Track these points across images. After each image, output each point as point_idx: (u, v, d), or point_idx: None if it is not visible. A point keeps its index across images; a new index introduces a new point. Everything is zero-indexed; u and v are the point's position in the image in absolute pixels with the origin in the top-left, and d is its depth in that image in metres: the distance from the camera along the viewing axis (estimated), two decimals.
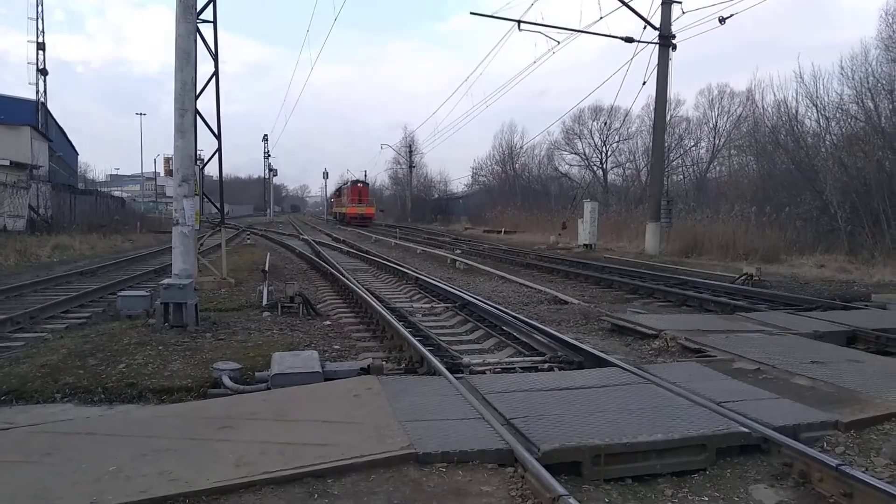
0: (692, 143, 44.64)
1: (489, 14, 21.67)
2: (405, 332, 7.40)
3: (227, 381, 5.51)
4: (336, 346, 7.44)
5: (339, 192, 68.33)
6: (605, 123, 47.02)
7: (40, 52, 41.84)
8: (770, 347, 6.78)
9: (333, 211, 70.14)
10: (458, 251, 23.75)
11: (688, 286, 12.86)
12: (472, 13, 47.53)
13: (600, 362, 6.14)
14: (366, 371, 5.71)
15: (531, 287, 13.03)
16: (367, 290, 11.73)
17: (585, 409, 4.63)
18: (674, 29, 21.84)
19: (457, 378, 5.43)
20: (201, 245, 15.14)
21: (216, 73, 12.73)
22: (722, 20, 20.20)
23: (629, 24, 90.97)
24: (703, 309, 10.60)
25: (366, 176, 64.66)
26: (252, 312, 9.60)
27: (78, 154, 58.74)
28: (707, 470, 4.06)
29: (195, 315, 8.13)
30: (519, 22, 21.16)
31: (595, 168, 51.12)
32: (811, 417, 4.54)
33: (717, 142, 43.42)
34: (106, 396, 5.48)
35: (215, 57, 12.64)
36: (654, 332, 7.69)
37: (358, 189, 56.97)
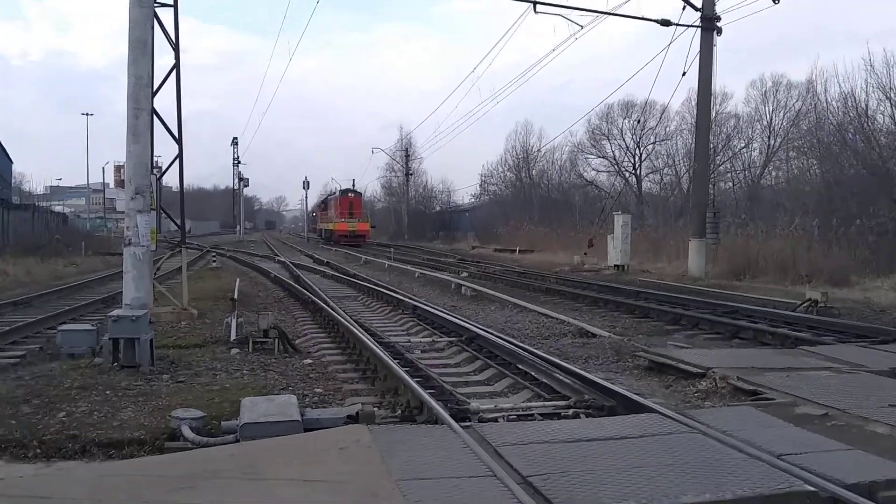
0: (742, 144, 44.83)
1: None
2: (401, 371, 7.42)
3: (187, 432, 5.50)
4: (318, 390, 7.46)
5: (324, 204, 68.07)
6: (639, 121, 47.18)
7: None
8: (839, 388, 6.74)
9: (317, 227, 70.02)
10: (465, 274, 23.81)
11: (740, 315, 12.85)
12: None
13: (636, 407, 6.13)
14: (354, 419, 5.70)
15: (552, 317, 13.05)
16: (355, 321, 11.76)
17: (618, 465, 4.60)
18: (719, 9, 22.06)
19: (463, 427, 5.42)
20: (158, 269, 15.15)
21: (177, 66, 12.88)
22: None
23: (666, 5, 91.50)
24: (759, 342, 10.61)
25: (354, 185, 64.35)
26: (218, 349, 9.63)
27: (12, 163, 59.30)
28: None
29: (150, 353, 8.14)
30: (535, 3, 21.39)
31: (627, 174, 51.38)
32: (890, 473, 4.50)
33: (772, 142, 43.58)
34: (43, 451, 5.47)
35: (176, 47, 12.79)
36: (700, 371, 7.69)
37: (348, 200, 55.98)
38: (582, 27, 22.08)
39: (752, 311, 13.17)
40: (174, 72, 12.87)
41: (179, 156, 13.18)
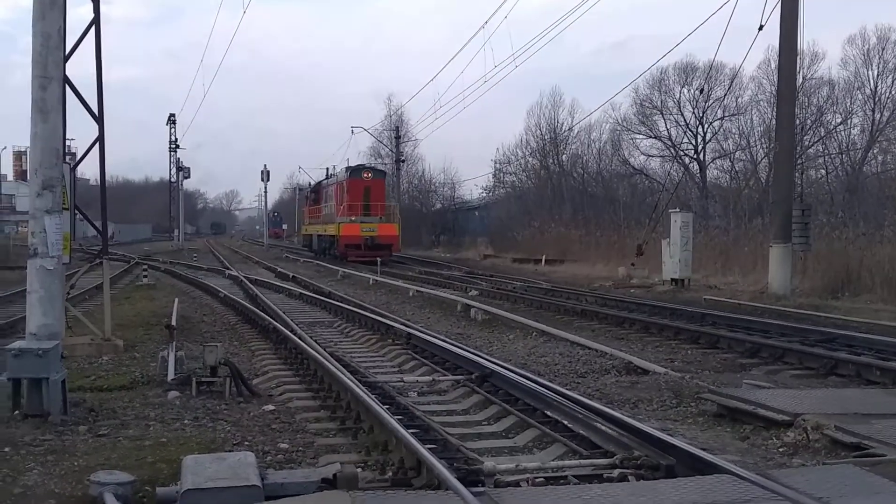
0: (839, 120, 44.82)
1: None
2: (392, 420, 7.41)
3: (111, 501, 5.49)
4: (283, 445, 7.46)
5: (315, 193, 58.46)
6: (702, 90, 46.91)
7: None
8: None
9: (305, 231, 62.69)
10: (474, 292, 23.86)
11: (838, 344, 12.84)
12: None
13: (702, 467, 6.12)
14: (331, 484, 5.71)
15: (590, 348, 13.05)
16: (331, 354, 11.78)
17: None
18: None
19: (475, 494, 5.41)
20: (72, 287, 15.18)
21: (96, 21, 12.91)
22: None
23: None
24: (864, 380, 10.60)
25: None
26: (151, 392, 9.62)
27: None
28: None
29: (62, 398, 8.13)
30: None
31: (687, 160, 51.33)
32: None
33: (877, 116, 43.56)
34: None
35: None
36: (786, 418, 7.69)
37: (363, 185, 44.52)
38: None
39: (853, 338, 13.14)
40: (93, 28, 12.92)
41: (101, 139, 13.19)
